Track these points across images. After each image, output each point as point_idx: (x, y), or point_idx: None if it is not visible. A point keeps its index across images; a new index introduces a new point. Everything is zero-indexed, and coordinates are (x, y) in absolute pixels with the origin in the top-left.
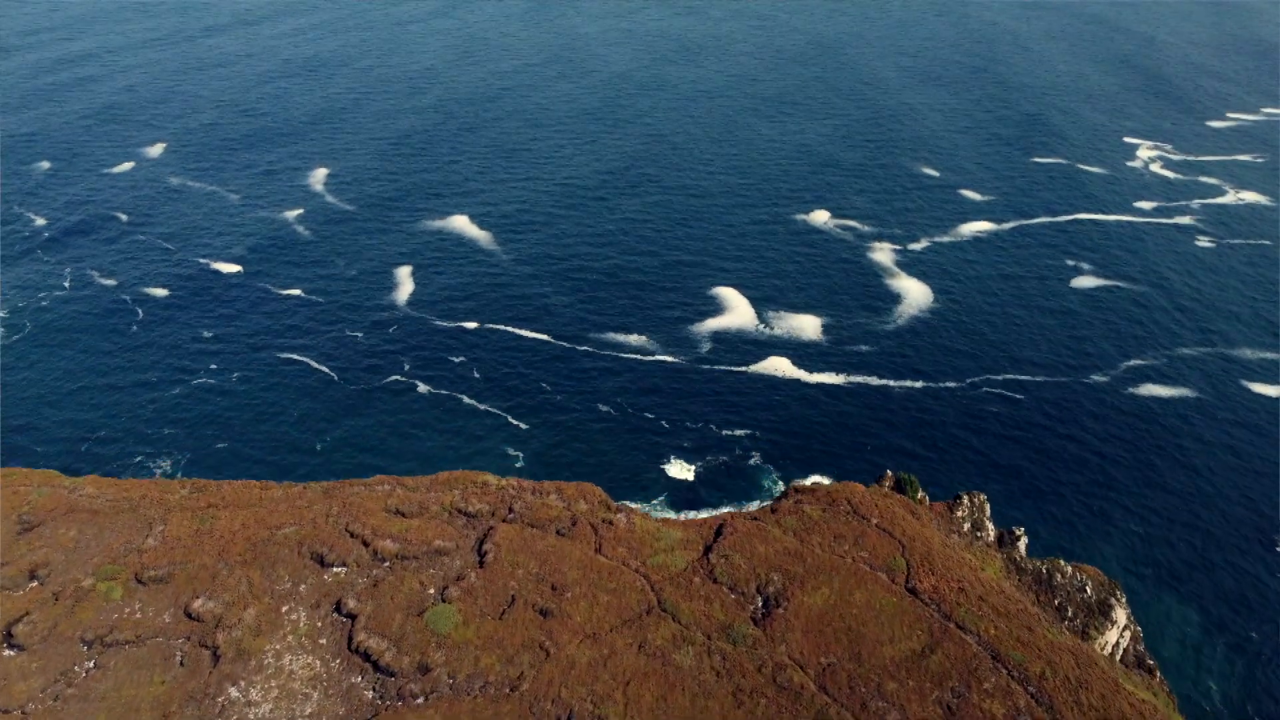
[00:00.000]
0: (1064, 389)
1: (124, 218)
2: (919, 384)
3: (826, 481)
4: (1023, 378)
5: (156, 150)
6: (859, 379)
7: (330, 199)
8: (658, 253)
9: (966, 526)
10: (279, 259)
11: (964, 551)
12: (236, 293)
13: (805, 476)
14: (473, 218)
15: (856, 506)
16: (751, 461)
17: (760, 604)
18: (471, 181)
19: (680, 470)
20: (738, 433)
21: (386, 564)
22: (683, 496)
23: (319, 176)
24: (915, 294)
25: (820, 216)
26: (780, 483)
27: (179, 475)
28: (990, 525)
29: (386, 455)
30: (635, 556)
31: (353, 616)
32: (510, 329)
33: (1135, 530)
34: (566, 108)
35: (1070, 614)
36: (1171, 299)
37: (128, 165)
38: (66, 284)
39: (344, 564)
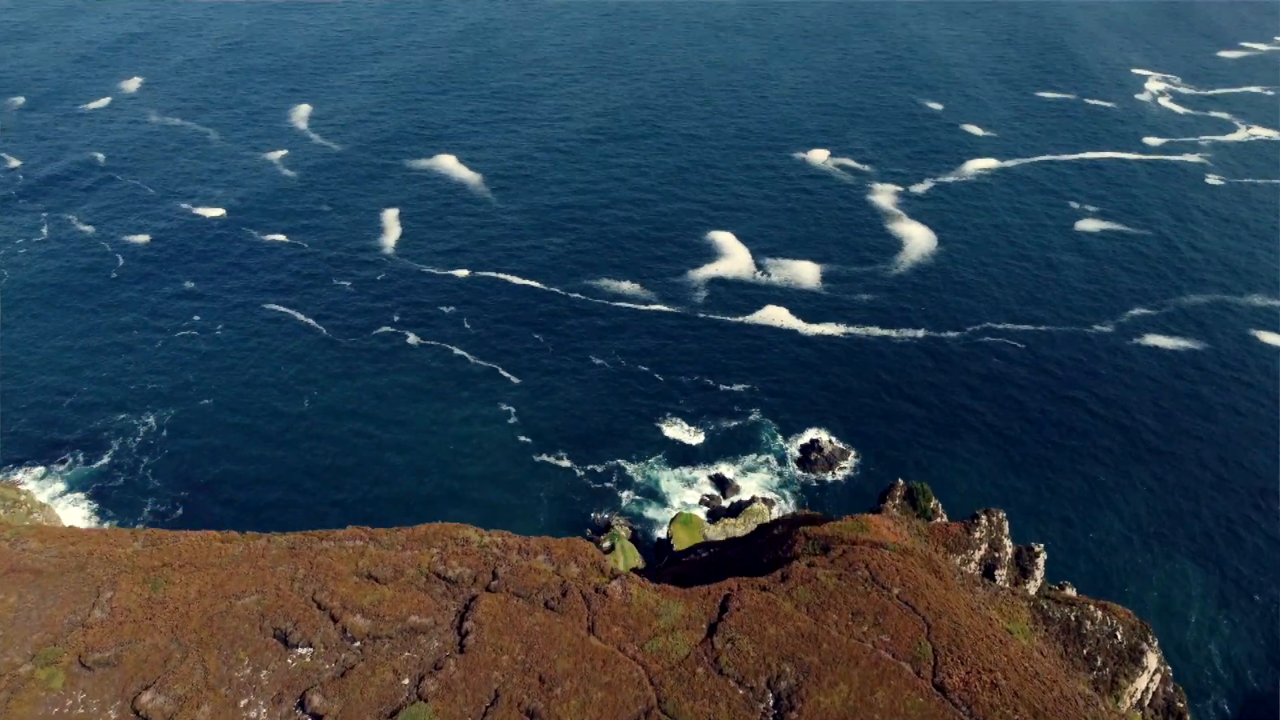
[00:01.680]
0: (1066, 340)
1: (102, 158)
2: (920, 334)
3: (827, 436)
4: (1024, 327)
5: (133, 85)
6: (859, 330)
7: (315, 139)
8: (652, 195)
9: (985, 548)
10: (262, 203)
11: (990, 608)
12: (219, 240)
13: (804, 431)
14: (461, 159)
15: (875, 573)
16: (751, 418)
17: (771, 702)
18: (461, 124)
19: (678, 430)
20: (735, 387)
21: (357, 644)
22: (680, 455)
23: (302, 115)
24: (917, 239)
25: (819, 156)
26: (779, 436)
27: (164, 433)
28: (1008, 544)
29: (376, 420)
30: (632, 639)
31: (318, 717)
32: (502, 276)
33: (1136, 490)
34: (559, 45)
35: (1099, 663)
36: (1177, 244)
37: (104, 101)
38: (44, 231)
39: (310, 644)
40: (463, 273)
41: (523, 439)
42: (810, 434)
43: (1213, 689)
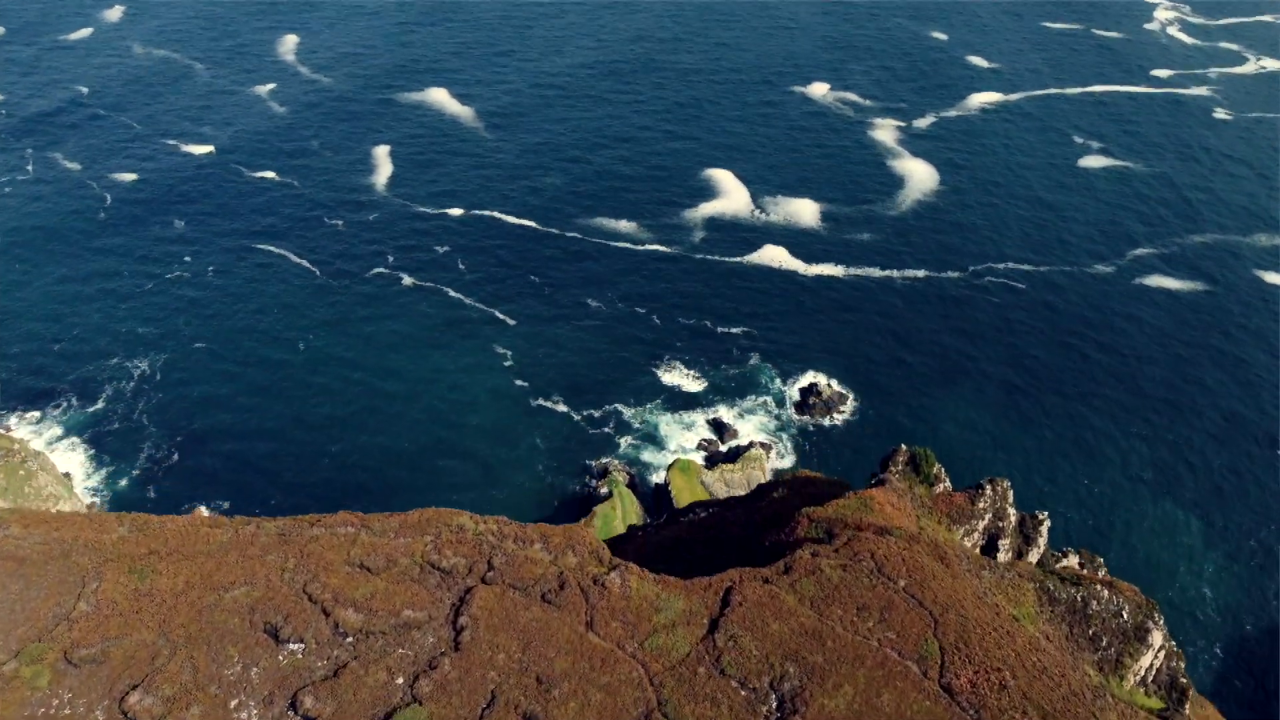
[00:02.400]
0: (1068, 281)
1: (86, 92)
2: (920, 275)
3: (826, 380)
4: (1025, 268)
5: (115, 14)
6: (859, 270)
7: (304, 72)
8: (648, 132)
9: (989, 518)
10: (251, 140)
11: (997, 593)
12: (208, 177)
13: (802, 375)
14: (453, 94)
15: (881, 563)
16: (750, 362)
17: (774, 705)
18: (452, 56)
19: (676, 374)
20: (734, 330)
21: (349, 639)
22: (678, 399)
23: (290, 47)
24: (919, 176)
25: (819, 90)
26: (778, 380)
27: (157, 376)
28: (1012, 512)
29: (371, 366)
30: (632, 636)
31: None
32: (497, 216)
33: (1135, 435)
34: None
35: (1105, 643)
36: (1183, 180)
37: (86, 32)
38: (29, 169)
39: (301, 640)
40: (457, 212)
41: (519, 384)
42: (809, 378)
43: (1208, 635)
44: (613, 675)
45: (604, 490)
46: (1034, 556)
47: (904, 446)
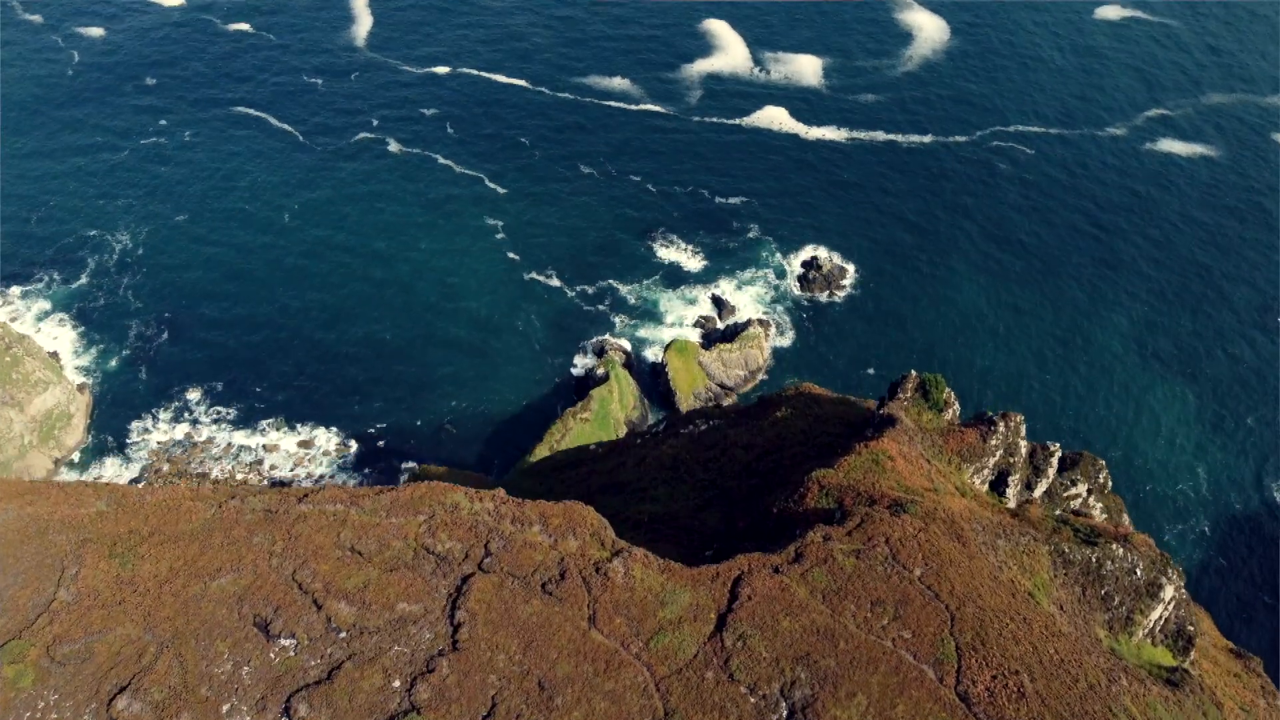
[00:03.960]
0: (1077, 144)
1: None
2: (926, 139)
3: (826, 253)
4: (1034, 129)
5: None
6: (862, 134)
7: None
8: None
9: (999, 454)
10: None
11: (1012, 563)
12: (180, 31)
13: (803, 248)
14: None
15: (896, 549)
16: (749, 234)
17: (785, 714)
18: None
19: (672, 247)
20: (732, 200)
21: (343, 635)
22: (675, 274)
23: None
24: (928, 31)
25: None
26: (778, 254)
27: (139, 250)
28: (1023, 445)
29: (358, 239)
30: (636, 634)
31: None
32: (485, 74)
33: (1137, 307)
34: None
35: (1117, 602)
36: (1202, 33)
37: None
38: None
39: (293, 635)
40: (443, 70)
41: (511, 257)
42: (809, 251)
43: (1195, 512)
44: (617, 681)
45: (600, 371)
46: (1043, 487)
47: (913, 373)
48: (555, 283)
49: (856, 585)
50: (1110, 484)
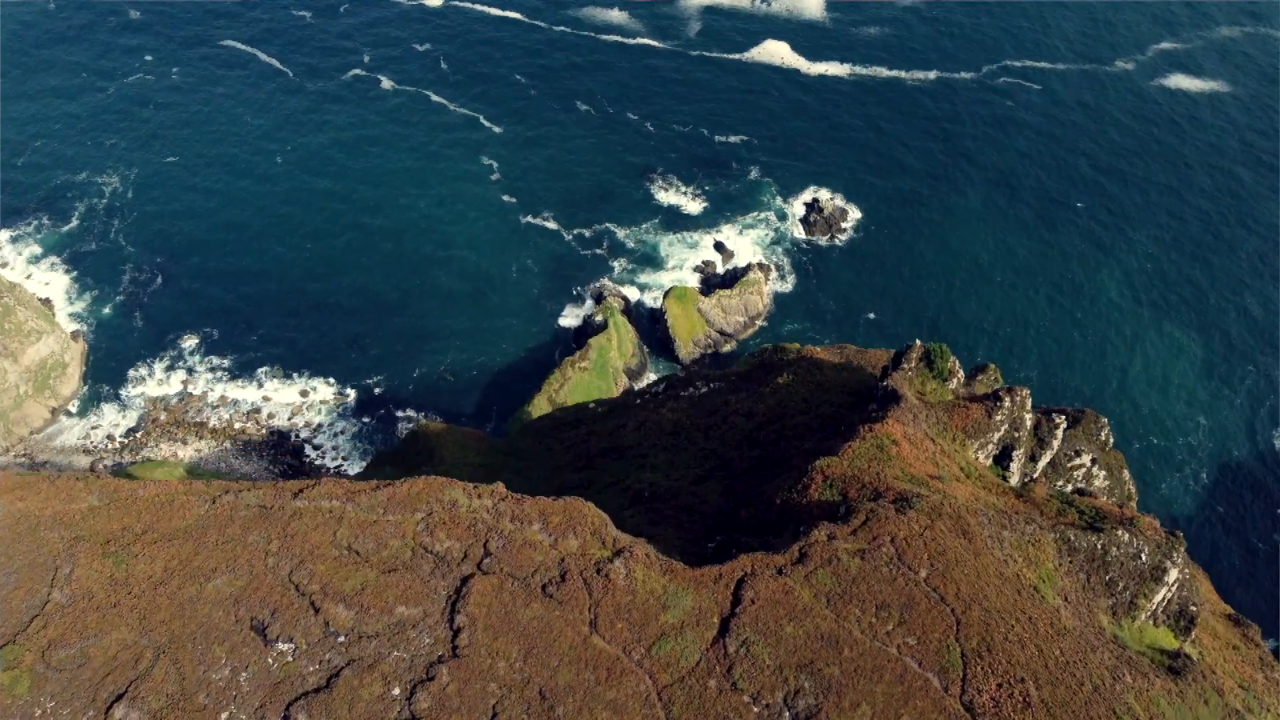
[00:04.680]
0: (1084, 80)
1: None
2: (931, 75)
3: (827, 194)
4: (1042, 65)
5: None
6: (865, 70)
7: None
8: None
9: (1005, 429)
10: None
11: (1017, 555)
12: None
13: (804, 190)
14: None
15: (901, 549)
16: (749, 176)
17: None
18: None
19: (670, 189)
20: (732, 139)
21: (342, 639)
22: (673, 217)
23: None
24: None
25: None
26: (778, 196)
27: (129, 193)
28: (1028, 418)
29: (353, 182)
30: (638, 639)
31: None
32: (479, 7)
33: (1137, 252)
34: None
35: (1121, 587)
36: None
37: None
38: None
39: (290, 639)
40: (435, 2)
41: (507, 199)
42: (810, 192)
43: (1191, 460)
44: (619, 690)
45: (599, 319)
46: (1047, 458)
47: (918, 342)
48: (552, 226)
49: (861, 588)
50: (1112, 440)
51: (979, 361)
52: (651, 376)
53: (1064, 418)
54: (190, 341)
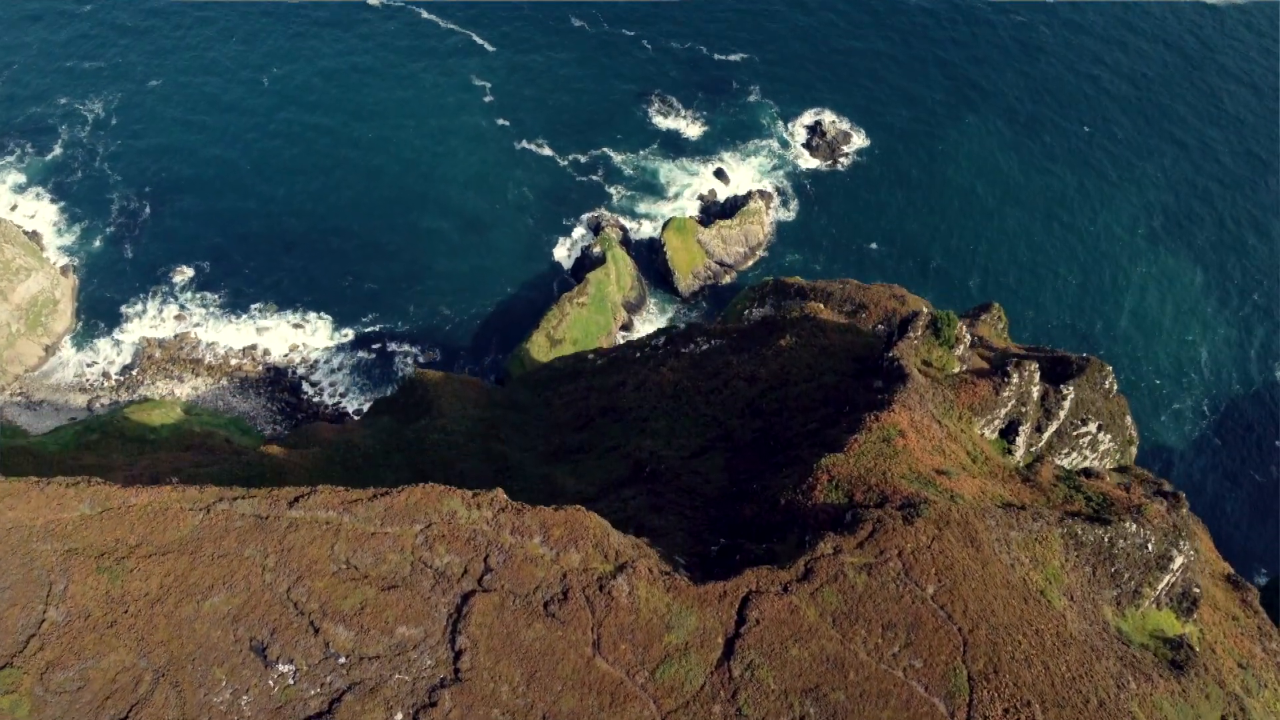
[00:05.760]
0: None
1: None
2: None
3: (830, 117)
4: None
5: None
6: None
7: None
8: None
9: (1012, 404)
10: None
11: (1024, 559)
12: None
13: (806, 111)
14: None
15: (909, 564)
16: (750, 97)
17: None
18: None
19: (668, 112)
20: (731, 57)
21: (343, 660)
22: (671, 142)
23: None
24: None
25: None
26: (779, 121)
27: (113, 120)
28: (1035, 391)
29: (341, 109)
30: (642, 662)
31: None
32: None
33: (1142, 183)
34: None
35: (1126, 577)
36: None
37: None
38: None
39: (291, 660)
40: None
41: (501, 123)
42: (812, 114)
43: (1192, 392)
44: (622, 716)
45: (597, 250)
46: (1053, 428)
47: (925, 310)
48: (547, 152)
49: (868, 606)
50: (1115, 387)
51: (982, 300)
52: (651, 309)
53: (1071, 388)
54: (182, 275)
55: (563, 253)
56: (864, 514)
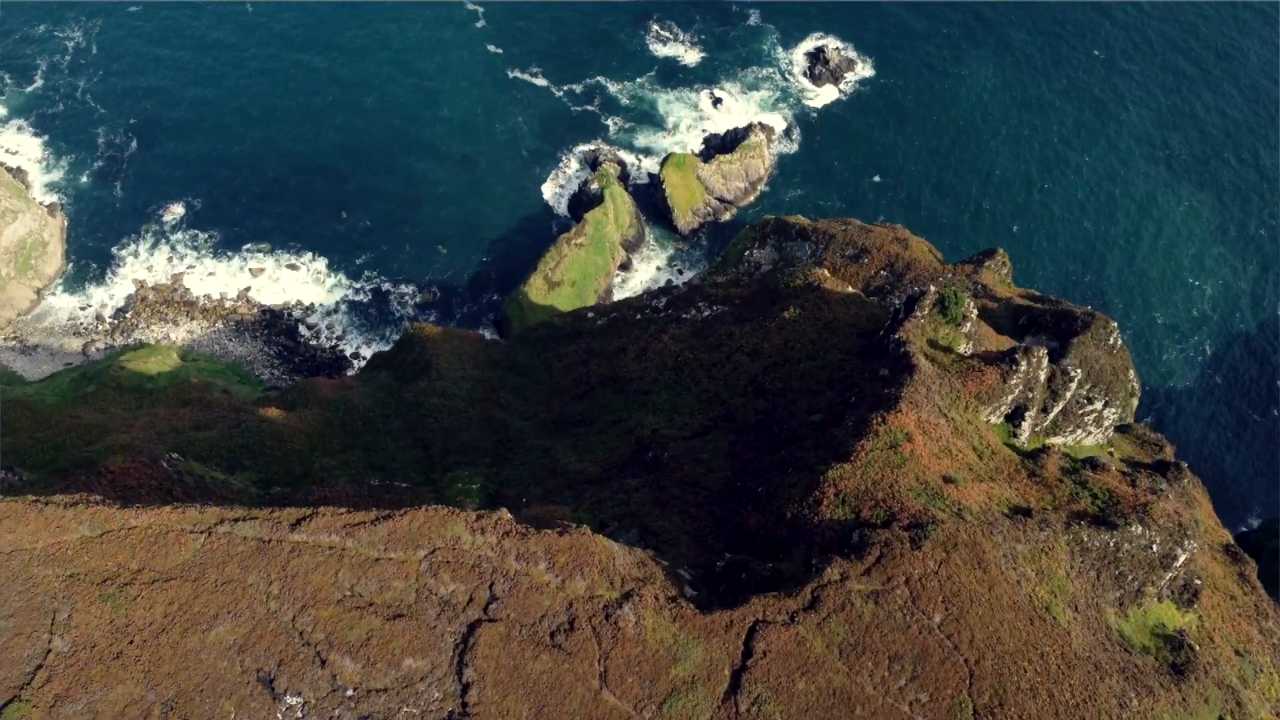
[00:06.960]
0: None
1: None
2: None
3: (834, 44)
4: None
5: None
6: None
7: None
8: None
9: (1019, 390)
10: None
11: (1030, 572)
12: None
13: (808, 37)
14: None
15: (916, 592)
16: (750, 21)
17: None
18: None
19: (665, 38)
20: None
21: (350, 693)
22: (669, 70)
23: None
24: None
25: None
26: (779, 47)
27: (94, 48)
28: (1042, 374)
29: (326, 43)
30: (649, 696)
31: None
32: None
33: (1149, 111)
34: None
35: (1130, 579)
36: None
37: None
38: None
39: (299, 692)
40: None
41: (493, 50)
42: (815, 40)
43: (1197, 330)
44: None
45: (595, 187)
46: (1059, 407)
47: (932, 289)
48: (541, 82)
49: (875, 637)
50: (1119, 342)
51: (985, 236)
52: (651, 246)
53: (1078, 370)
54: (173, 213)
55: (559, 188)
56: (871, 535)
